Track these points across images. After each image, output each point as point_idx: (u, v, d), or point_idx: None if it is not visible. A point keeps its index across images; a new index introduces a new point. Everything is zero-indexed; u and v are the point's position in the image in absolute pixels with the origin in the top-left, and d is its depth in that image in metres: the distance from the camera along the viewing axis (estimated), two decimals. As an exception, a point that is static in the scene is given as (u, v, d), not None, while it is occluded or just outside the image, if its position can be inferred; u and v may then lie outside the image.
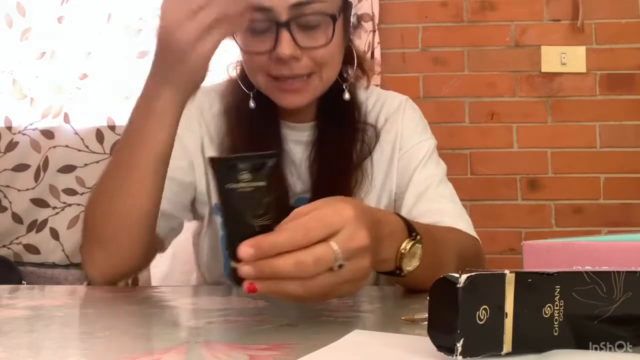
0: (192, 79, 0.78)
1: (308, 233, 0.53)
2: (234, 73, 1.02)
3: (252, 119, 0.96)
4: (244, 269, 0.53)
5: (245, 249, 0.53)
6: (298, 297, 0.54)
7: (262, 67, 0.89)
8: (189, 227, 1.10)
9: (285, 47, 0.85)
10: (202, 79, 0.79)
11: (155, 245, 0.93)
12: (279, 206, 0.56)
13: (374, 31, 2.26)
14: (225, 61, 1.02)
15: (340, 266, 0.54)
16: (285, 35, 0.85)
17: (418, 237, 0.67)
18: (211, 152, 0.99)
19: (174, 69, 0.76)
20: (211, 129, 1.00)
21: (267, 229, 0.55)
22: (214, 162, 0.56)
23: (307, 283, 0.54)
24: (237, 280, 0.55)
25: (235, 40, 0.90)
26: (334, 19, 0.88)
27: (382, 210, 0.68)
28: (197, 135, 1.00)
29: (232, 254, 0.55)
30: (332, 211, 0.55)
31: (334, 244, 0.53)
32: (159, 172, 0.82)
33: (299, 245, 0.53)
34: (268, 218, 0.55)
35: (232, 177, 0.54)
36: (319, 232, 0.53)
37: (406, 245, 0.65)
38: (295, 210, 0.57)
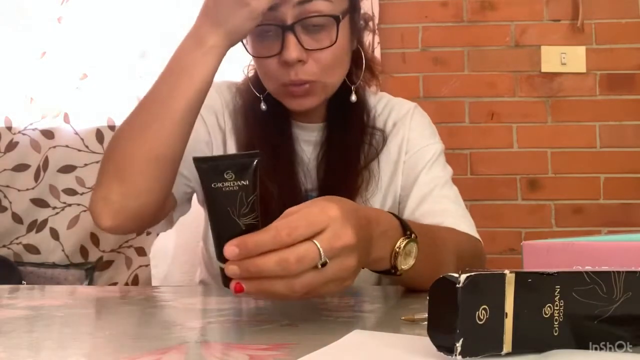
0: (241, 29, 0.83)
1: (293, 232, 0.54)
2: (249, 73, 1.04)
3: (265, 119, 0.98)
4: (230, 268, 0.54)
5: (230, 248, 0.54)
6: (283, 295, 0.55)
7: (272, 73, 0.91)
8: (188, 229, 1.10)
9: (292, 50, 0.87)
10: (247, 33, 0.85)
11: (168, 204, 0.92)
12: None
13: (374, 31, 2.26)
14: (240, 63, 1.05)
15: (324, 264, 0.54)
16: (291, 38, 0.87)
17: (413, 235, 0.67)
18: (232, 143, 1.01)
19: (230, 14, 0.81)
20: (232, 123, 1.02)
21: (254, 227, 0.56)
22: (199, 162, 0.57)
23: (291, 281, 0.54)
24: (225, 280, 0.56)
25: (245, 47, 0.93)
26: (337, 20, 0.89)
27: (375, 210, 0.68)
28: (222, 123, 1.02)
29: (219, 254, 0.56)
30: (318, 210, 0.56)
31: (317, 242, 0.54)
32: (192, 112, 0.83)
33: (284, 243, 0.53)
34: (254, 217, 0.56)
35: (217, 176, 0.55)
36: (303, 231, 0.54)
37: (400, 243, 0.65)
38: (287, 210, 0.57)
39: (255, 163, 0.56)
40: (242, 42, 0.90)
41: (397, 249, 0.65)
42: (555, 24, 2.32)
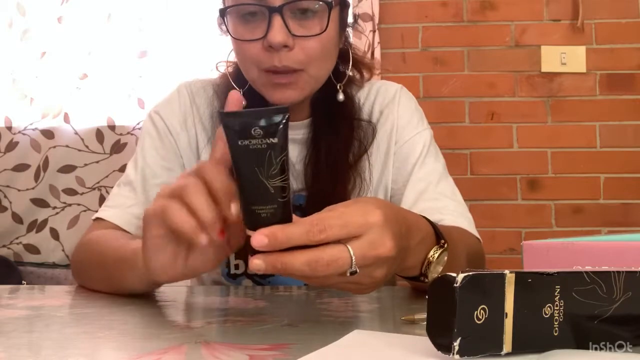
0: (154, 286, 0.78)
1: (326, 230, 0.50)
2: (223, 70, 1.01)
3: None
4: (255, 263, 0.51)
5: (259, 237, 0.50)
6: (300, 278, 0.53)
7: (254, 59, 0.86)
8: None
9: (277, 33, 0.82)
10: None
11: None
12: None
13: (374, 31, 2.26)
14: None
15: (353, 273, 0.51)
16: (277, 21, 0.82)
17: (446, 245, 0.64)
18: (208, 152, 0.98)
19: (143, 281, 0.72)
20: (208, 129, 0.99)
21: (282, 190, 0.51)
22: (224, 117, 0.52)
23: (313, 279, 0.52)
24: (251, 249, 0.52)
25: (228, 31, 0.88)
26: (329, 6, 0.85)
27: (414, 215, 0.64)
28: (192, 134, 0.99)
29: (248, 222, 0.52)
30: (359, 213, 0.52)
31: (351, 249, 0.51)
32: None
33: (315, 241, 0.50)
34: (283, 179, 0.51)
35: (244, 133, 0.51)
36: (337, 232, 0.51)
37: (434, 253, 0.63)
38: (327, 207, 0.54)
39: (284, 119, 0.51)
40: (226, 26, 0.86)
41: (431, 258, 0.63)
42: (555, 24, 2.32)
